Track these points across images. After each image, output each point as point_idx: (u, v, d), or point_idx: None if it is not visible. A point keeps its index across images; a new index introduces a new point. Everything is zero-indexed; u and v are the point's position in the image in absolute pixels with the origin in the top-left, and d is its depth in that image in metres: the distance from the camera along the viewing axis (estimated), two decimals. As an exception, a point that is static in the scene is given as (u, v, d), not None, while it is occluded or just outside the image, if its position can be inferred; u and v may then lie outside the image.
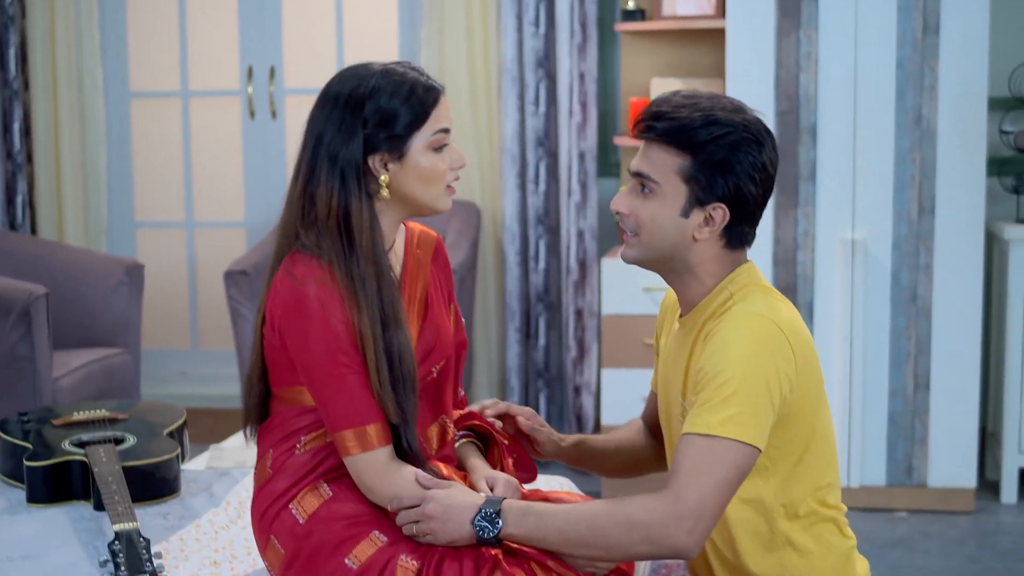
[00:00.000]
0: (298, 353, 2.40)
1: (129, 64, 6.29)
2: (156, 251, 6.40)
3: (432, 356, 2.54)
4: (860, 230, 4.93)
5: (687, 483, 2.26)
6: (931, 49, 4.82)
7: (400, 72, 2.42)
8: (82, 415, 3.43)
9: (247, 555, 2.74)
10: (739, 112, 2.41)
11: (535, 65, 5.61)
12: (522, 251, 5.71)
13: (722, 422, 2.27)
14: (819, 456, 2.46)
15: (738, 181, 2.38)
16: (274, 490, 2.46)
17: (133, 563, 2.57)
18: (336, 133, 2.39)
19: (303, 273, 2.38)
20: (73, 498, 3.12)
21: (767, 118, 4.78)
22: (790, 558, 2.46)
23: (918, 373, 4.96)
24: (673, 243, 2.43)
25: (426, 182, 2.43)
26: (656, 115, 2.41)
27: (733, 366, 2.30)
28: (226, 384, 6.26)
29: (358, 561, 2.37)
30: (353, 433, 2.37)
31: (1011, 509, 5.07)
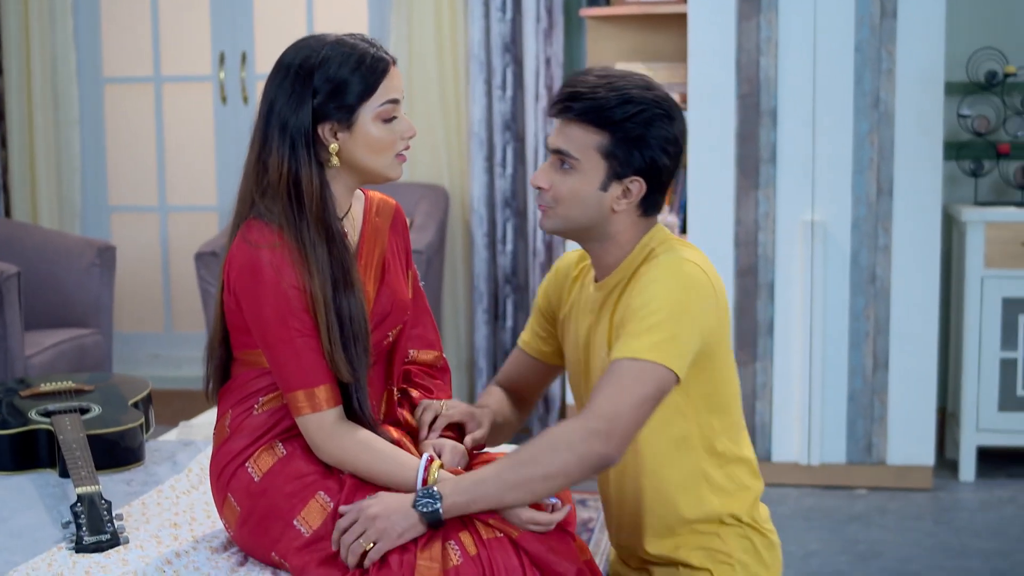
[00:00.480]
0: (252, 317, 2.47)
1: (102, 50, 6.36)
2: (130, 235, 6.47)
3: (388, 320, 2.61)
4: (820, 212, 5.02)
5: (603, 400, 2.40)
6: (888, 33, 4.91)
7: (351, 43, 2.48)
8: (49, 386, 3.50)
9: (207, 518, 2.81)
10: (650, 89, 2.54)
11: (502, 50, 5.69)
12: (490, 233, 5.79)
13: (646, 347, 2.41)
14: (732, 398, 2.63)
15: (653, 154, 2.51)
16: (231, 449, 2.54)
17: (94, 524, 2.64)
18: (287, 102, 2.46)
19: (257, 238, 2.45)
20: (39, 466, 3.19)
21: (729, 101, 4.91)
22: (708, 496, 2.60)
23: (877, 353, 5.05)
24: (592, 215, 2.56)
25: (375, 151, 2.50)
26: (573, 95, 2.53)
27: (660, 300, 2.45)
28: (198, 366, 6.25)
29: (309, 527, 2.44)
30: (304, 394, 2.44)
31: (969, 487, 5.17)
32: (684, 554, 2.63)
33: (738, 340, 5.08)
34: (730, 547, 2.64)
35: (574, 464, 2.37)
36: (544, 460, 2.37)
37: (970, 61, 5.36)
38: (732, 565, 2.64)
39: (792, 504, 4.93)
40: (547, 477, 2.37)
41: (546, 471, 2.37)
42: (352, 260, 2.51)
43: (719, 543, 2.63)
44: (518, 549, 2.39)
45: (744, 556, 2.65)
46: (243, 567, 2.54)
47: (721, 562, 2.64)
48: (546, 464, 2.37)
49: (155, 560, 2.55)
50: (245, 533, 2.52)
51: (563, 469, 2.37)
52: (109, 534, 2.63)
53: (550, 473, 2.37)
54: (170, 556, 2.57)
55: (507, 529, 2.40)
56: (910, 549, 4.50)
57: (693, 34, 5.03)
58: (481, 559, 2.36)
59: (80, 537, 2.61)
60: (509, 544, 2.39)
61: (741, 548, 2.65)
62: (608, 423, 2.37)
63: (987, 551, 4.47)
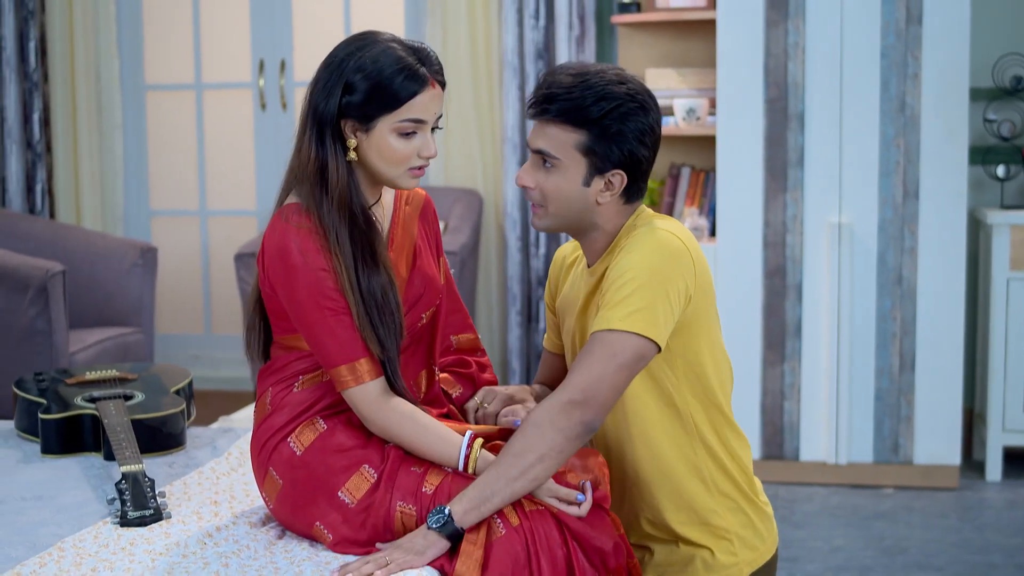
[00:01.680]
0: (287, 300, 2.58)
1: (144, 57, 6.51)
2: (170, 239, 6.60)
3: (421, 302, 2.72)
4: (847, 214, 5.10)
5: (577, 374, 2.50)
6: (914, 39, 4.99)
7: (398, 54, 2.53)
8: (94, 375, 3.62)
9: (245, 496, 2.91)
10: (623, 83, 2.61)
11: (535, 57, 5.80)
12: (523, 237, 5.90)
13: (622, 317, 2.50)
14: (718, 367, 2.71)
15: (631, 147, 2.60)
16: (273, 424, 2.64)
17: (138, 500, 2.76)
18: (322, 88, 2.55)
19: (288, 220, 2.55)
20: (84, 450, 3.31)
21: (757, 105, 5.00)
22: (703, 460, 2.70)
23: (903, 353, 5.12)
24: (578, 209, 2.65)
25: (386, 161, 2.57)
26: (549, 96, 2.60)
27: (636, 269, 2.53)
28: (237, 367, 6.45)
29: (353, 498, 2.54)
30: (346, 368, 2.55)
31: (995, 486, 5.23)
32: (683, 530, 2.72)
33: (766, 340, 5.16)
34: (728, 522, 2.73)
35: (561, 440, 2.47)
36: (533, 444, 2.47)
37: (996, 66, 5.43)
38: (730, 540, 2.73)
39: (819, 502, 5.01)
40: (541, 459, 2.47)
41: (538, 454, 2.46)
42: (380, 241, 2.60)
43: (717, 519, 2.72)
44: (559, 522, 2.49)
45: (742, 531, 2.74)
46: (281, 540, 2.64)
47: (720, 537, 2.73)
48: (536, 447, 2.47)
49: (196, 533, 2.66)
50: (287, 505, 2.62)
51: (552, 447, 2.47)
52: (152, 509, 2.74)
53: (543, 455, 2.47)
54: (211, 530, 2.68)
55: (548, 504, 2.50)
56: (934, 545, 4.57)
57: (722, 40, 5.13)
58: (524, 528, 2.46)
59: (125, 512, 2.72)
60: (551, 516, 2.49)
61: (739, 523, 2.74)
62: (583, 393, 2.48)
63: (1010, 547, 4.54)
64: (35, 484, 3.06)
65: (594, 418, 2.49)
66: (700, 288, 2.61)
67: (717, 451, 2.72)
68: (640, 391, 2.66)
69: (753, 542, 2.75)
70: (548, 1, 5.78)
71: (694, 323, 2.63)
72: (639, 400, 2.67)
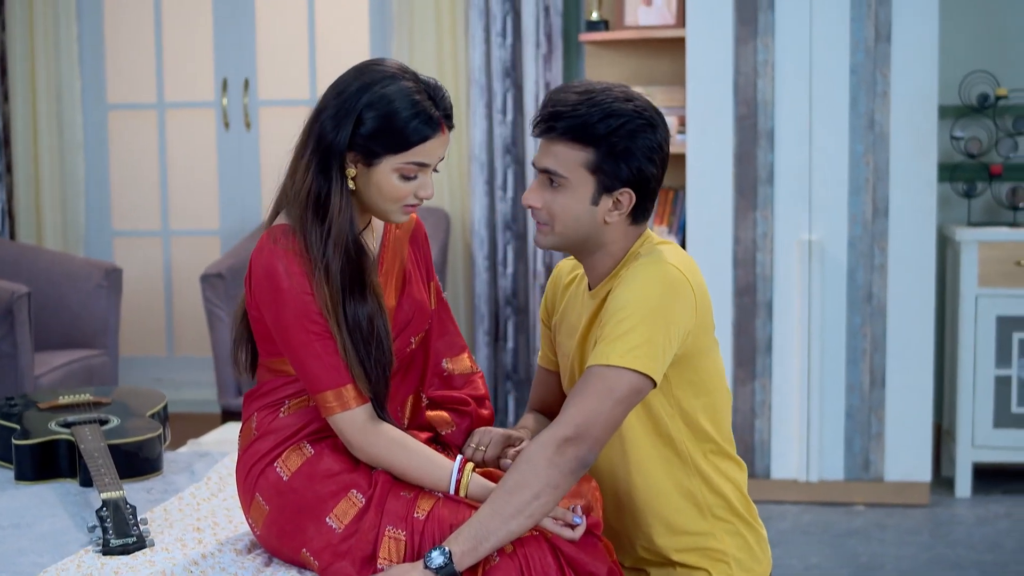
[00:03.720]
0: (272, 322, 2.54)
1: (106, 76, 6.44)
2: (133, 259, 6.53)
3: (410, 327, 2.69)
4: (817, 231, 5.10)
5: (573, 408, 2.47)
6: (883, 57, 5.01)
7: (413, 97, 2.49)
8: (67, 399, 3.56)
9: (228, 523, 2.87)
10: (630, 100, 2.57)
11: (502, 75, 5.78)
12: (490, 256, 5.87)
13: (619, 352, 2.47)
14: (718, 394, 2.69)
15: (640, 165, 2.57)
16: (259, 449, 2.60)
17: (120, 527, 2.71)
18: (331, 117, 2.51)
19: (276, 242, 2.52)
20: (59, 476, 3.25)
21: (727, 123, 4.99)
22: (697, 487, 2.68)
23: (874, 370, 5.13)
24: (586, 229, 2.61)
25: (383, 197, 2.54)
26: (555, 114, 2.56)
27: (636, 303, 2.50)
28: (201, 390, 6.39)
29: (340, 523, 2.51)
30: (332, 394, 2.51)
31: (965, 503, 5.24)
32: (679, 556, 2.70)
33: (737, 358, 5.16)
34: (725, 544, 2.71)
35: (556, 476, 2.44)
36: (529, 481, 2.43)
37: (962, 84, 5.46)
38: (727, 563, 2.71)
39: (791, 520, 5.00)
40: (537, 496, 2.43)
41: (534, 491, 2.42)
42: (370, 268, 2.57)
43: (714, 542, 2.70)
44: (554, 548, 2.46)
45: (739, 553, 2.73)
46: (268, 567, 2.60)
47: (717, 560, 2.71)
48: (532, 485, 2.42)
49: (182, 562, 2.61)
50: (274, 532, 2.58)
51: (548, 483, 2.43)
52: (135, 537, 2.69)
53: (538, 492, 2.42)
54: (196, 558, 2.63)
55: (542, 529, 2.47)
56: (909, 562, 4.57)
57: (691, 58, 5.12)
58: (518, 556, 2.43)
59: (107, 540, 2.67)
60: (545, 543, 2.46)
61: (735, 545, 2.72)
62: (577, 428, 2.45)
63: (984, 563, 4.54)
64: (10, 511, 3.00)
65: (588, 453, 2.46)
66: (700, 321, 2.59)
67: (711, 476, 2.70)
68: (634, 420, 2.63)
69: (749, 564, 2.74)
70: (515, 19, 5.77)
71: (693, 355, 2.61)
72: (633, 428, 2.64)
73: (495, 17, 5.76)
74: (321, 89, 6.18)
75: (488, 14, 5.78)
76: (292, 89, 6.38)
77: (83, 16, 6.33)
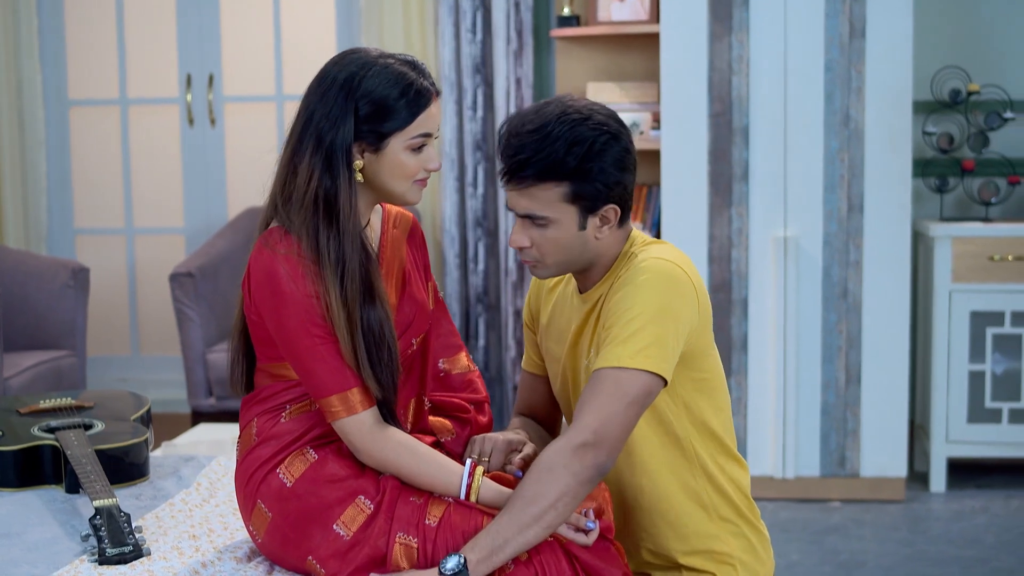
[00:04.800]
0: (275, 328, 2.49)
1: (68, 72, 6.34)
2: (95, 257, 6.44)
3: (412, 329, 2.64)
4: (792, 228, 5.09)
5: (587, 413, 2.43)
6: (857, 52, 5.00)
7: (398, 69, 2.48)
8: (49, 403, 3.48)
9: (224, 529, 2.81)
10: (587, 118, 2.52)
11: (472, 71, 5.73)
12: (461, 253, 5.82)
13: (631, 354, 2.44)
14: (720, 393, 2.68)
15: (615, 178, 2.54)
16: (260, 455, 2.55)
17: (115, 536, 2.64)
18: (327, 115, 2.47)
19: (274, 246, 2.47)
20: (44, 482, 3.17)
21: (701, 120, 4.97)
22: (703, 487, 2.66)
23: (849, 366, 5.13)
24: (579, 251, 2.60)
25: (396, 177, 2.52)
26: (521, 163, 2.51)
27: (642, 303, 2.47)
28: (167, 389, 6.31)
29: (348, 530, 2.45)
30: (337, 398, 2.46)
31: (940, 497, 5.24)
32: (685, 559, 2.68)
33: (713, 355, 5.13)
34: (730, 547, 2.69)
35: (574, 484, 2.40)
36: (545, 490, 2.39)
37: (934, 79, 5.46)
38: (733, 565, 2.69)
39: (769, 517, 4.98)
40: (555, 504, 2.39)
41: (551, 500, 2.38)
42: (377, 273, 2.53)
43: (720, 544, 2.68)
44: (568, 555, 2.43)
45: (744, 555, 2.70)
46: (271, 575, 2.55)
47: (723, 562, 2.68)
48: (549, 493, 2.38)
49: (181, 571, 2.55)
50: (277, 539, 2.52)
51: (565, 491, 2.39)
52: (131, 546, 2.62)
53: (555, 500, 2.39)
54: (196, 567, 2.57)
55: (556, 535, 2.43)
56: (890, 559, 4.57)
57: (665, 54, 5.10)
58: (534, 564, 2.39)
59: (103, 549, 2.60)
60: (560, 549, 2.43)
61: (740, 547, 2.70)
62: (594, 434, 2.41)
63: (965, 559, 4.55)
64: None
65: (607, 459, 2.43)
66: (702, 319, 2.58)
67: (717, 477, 2.67)
68: (640, 420, 2.60)
69: (754, 566, 2.71)
70: (485, 14, 5.72)
71: (696, 353, 2.58)
72: (639, 429, 2.61)
73: (465, 12, 5.71)
74: (288, 85, 6.16)
75: (458, 9, 5.73)
76: (258, 85, 6.30)
77: (44, 10, 6.23)
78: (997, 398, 5.25)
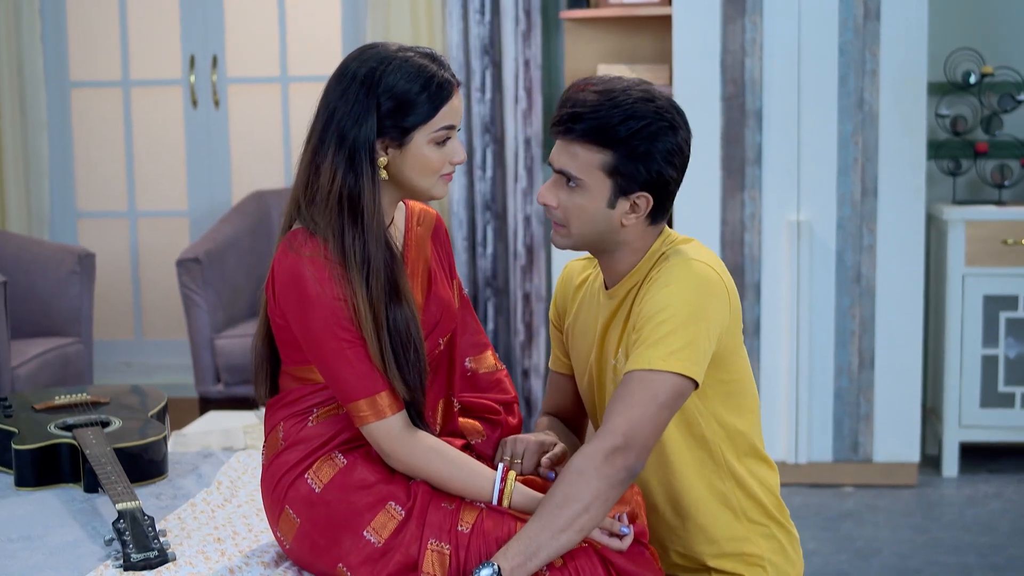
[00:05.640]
0: (301, 332, 2.45)
1: (69, 53, 6.27)
2: (98, 241, 6.38)
3: (438, 329, 2.60)
4: (805, 212, 5.05)
5: (617, 416, 2.39)
6: (872, 35, 4.95)
7: (418, 62, 2.44)
8: (63, 399, 3.44)
9: (248, 532, 2.77)
10: (651, 100, 2.49)
11: (480, 52, 5.67)
12: (470, 236, 5.77)
13: (663, 356, 2.40)
14: (750, 395, 2.64)
15: (659, 168, 2.48)
16: (287, 460, 2.50)
17: (140, 540, 2.60)
18: (348, 112, 2.43)
19: (299, 248, 2.43)
20: (62, 481, 3.13)
21: (714, 103, 4.92)
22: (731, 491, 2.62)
23: (863, 351, 5.09)
24: (602, 230, 2.55)
25: (422, 172, 2.48)
26: (574, 116, 2.48)
27: (675, 305, 2.44)
28: (172, 373, 6.26)
29: (380, 537, 2.41)
30: (366, 403, 2.42)
31: (952, 482, 5.22)
32: (715, 562, 2.65)
33: (726, 341, 5.10)
34: (761, 549, 2.66)
35: (605, 487, 2.37)
36: (577, 494, 2.36)
37: (948, 61, 5.41)
38: (763, 567, 2.66)
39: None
40: (587, 508, 2.36)
41: (584, 503, 2.35)
42: (402, 272, 2.49)
43: (751, 546, 2.65)
44: (603, 560, 2.39)
45: (774, 556, 2.67)
46: (300, 581, 2.52)
47: (754, 564, 2.65)
48: (581, 497, 2.35)
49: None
50: (306, 546, 2.48)
51: (597, 495, 2.36)
52: (156, 551, 2.58)
53: (588, 504, 2.36)
54: (223, 572, 2.53)
55: (591, 541, 2.40)
56: (906, 546, 4.54)
57: (678, 36, 5.04)
58: (568, 569, 2.36)
59: (127, 555, 2.56)
60: (595, 554, 2.39)
61: (771, 548, 2.67)
62: (625, 438, 2.38)
63: (981, 546, 4.52)
64: (17, 522, 2.89)
65: (636, 462, 2.40)
66: (733, 320, 2.54)
67: (745, 479, 2.64)
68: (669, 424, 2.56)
69: (785, 567, 2.68)
70: (493, -5, 5.66)
71: (726, 355, 2.54)
72: (666, 431, 2.57)
73: (472, -7, 5.64)
74: (293, 66, 6.09)
75: (465, -10, 5.66)
76: (262, 66, 6.23)
77: (45, -9, 6.16)
78: (1010, 382, 5.23)
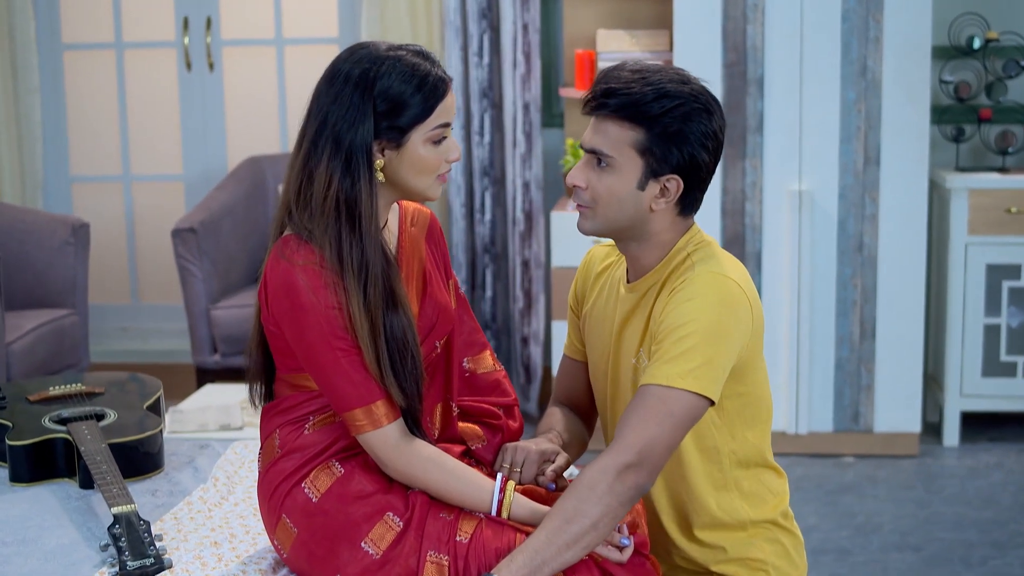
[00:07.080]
0: (294, 339, 2.40)
1: (61, 15, 6.19)
2: (92, 205, 6.32)
3: (435, 331, 2.56)
4: (807, 181, 5.00)
5: (631, 432, 2.36)
6: (875, 1, 4.88)
7: (411, 60, 2.40)
8: (58, 390, 3.40)
9: (245, 534, 2.74)
10: (686, 83, 2.47)
11: (478, 16, 5.59)
12: (468, 203, 5.72)
13: (681, 374, 2.37)
14: (766, 408, 2.61)
15: (692, 150, 2.45)
16: (284, 469, 2.47)
17: (136, 547, 2.56)
18: (343, 115, 2.37)
19: (291, 256, 2.38)
20: (56, 476, 3.10)
21: (715, 70, 4.86)
22: (738, 503, 2.60)
23: (864, 321, 5.06)
24: (630, 215, 2.50)
25: (419, 172, 2.44)
26: (607, 92, 2.45)
27: (696, 321, 2.39)
28: (168, 339, 6.23)
29: (378, 549, 2.38)
30: (361, 412, 2.38)
31: (953, 452, 5.20)
32: (719, 567, 2.62)
33: (726, 311, 5.06)
34: (764, 553, 2.63)
35: (615, 505, 2.34)
36: (587, 510, 2.33)
37: (952, 27, 5.34)
38: (767, 571, 2.63)
39: (782, 474, 4.94)
40: (595, 525, 2.33)
41: (592, 520, 2.32)
42: (398, 278, 2.44)
43: (754, 551, 2.62)
44: (604, 573, 2.37)
45: (777, 560, 2.64)
46: (298, 591, 2.49)
47: (757, 569, 2.62)
48: (590, 513, 2.32)
49: (205, 586, 2.48)
50: (303, 556, 2.45)
51: (607, 512, 2.33)
52: (152, 558, 2.55)
53: (596, 521, 2.33)
54: (219, 581, 2.51)
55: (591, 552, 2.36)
56: (907, 521, 4.52)
57: (679, 2, 4.97)
58: None
59: (123, 562, 2.52)
60: (595, 567, 2.36)
61: (774, 552, 2.64)
62: (638, 455, 2.35)
63: (982, 521, 4.50)
64: (12, 522, 2.85)
65: (648, 480, 2.37)
66: (755, 337, 2.49)
67: (752, 488, 2.61)
68: None
69: (788, 571, 2.65)
70: (491, -42, 5.57)
71: (744, 368, 2.50)
72: None
73: (470, -45, 5.56)
74: (288, 28, 6.01)
75: (463, -48, 5.58)
76: (257, 29, 6.15)
77: (35, -48, 6.06)
78: (1012, 351, 5.20)
